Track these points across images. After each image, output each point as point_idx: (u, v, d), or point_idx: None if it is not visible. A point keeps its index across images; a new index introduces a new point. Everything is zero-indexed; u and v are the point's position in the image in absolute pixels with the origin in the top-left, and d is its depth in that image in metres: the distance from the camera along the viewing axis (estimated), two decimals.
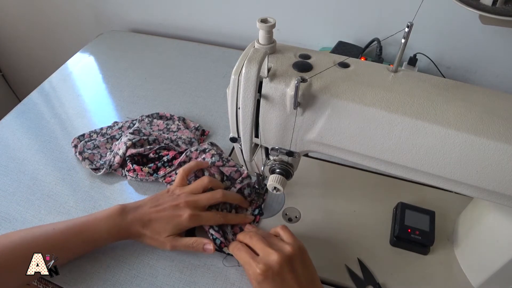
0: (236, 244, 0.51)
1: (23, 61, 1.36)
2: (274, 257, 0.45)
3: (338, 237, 0.57)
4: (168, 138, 0.69)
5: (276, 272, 0.44)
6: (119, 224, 0.52)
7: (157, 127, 0.73)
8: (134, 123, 0.74)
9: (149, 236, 0.53)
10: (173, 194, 0.55)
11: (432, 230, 0.54)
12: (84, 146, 0.69)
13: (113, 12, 1.08)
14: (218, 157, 0.62)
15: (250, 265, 0.46)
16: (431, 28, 0.78)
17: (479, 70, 0.84)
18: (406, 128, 0.38)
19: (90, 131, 0.73)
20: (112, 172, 0.66)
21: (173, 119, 0.75)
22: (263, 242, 0.48)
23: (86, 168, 0.67)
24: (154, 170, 0.64)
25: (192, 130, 0.72)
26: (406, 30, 0.37)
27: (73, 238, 0.51)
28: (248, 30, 0.97)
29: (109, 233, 0.51)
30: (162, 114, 0.76)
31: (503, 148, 0.35)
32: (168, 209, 0.53)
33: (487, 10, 0.58)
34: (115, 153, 0.66)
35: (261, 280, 0.45)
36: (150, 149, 0.66)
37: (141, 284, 0.52)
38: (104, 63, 0.95)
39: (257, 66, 0.36)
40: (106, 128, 0.74)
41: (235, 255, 0.50)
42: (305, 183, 0.64)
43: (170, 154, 0.65)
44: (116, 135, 0.71)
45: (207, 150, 0.63)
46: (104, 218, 0.52)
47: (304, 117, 0.41)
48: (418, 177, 0.42)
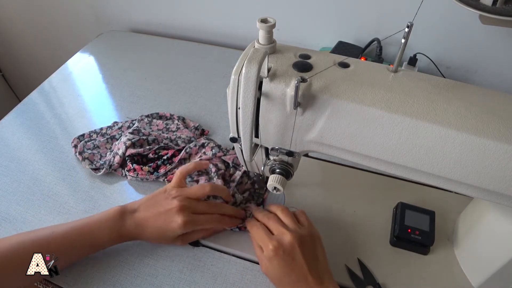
0: (254, 222, 0.52)
1: (23, 61, 1.36)
2: (288, 237, 0.47)
3: (338, 237, 0.57)
4: (167, 138, 0.69)
5: (288, 251, 0.46)
6: (119, 228, 0.51)
7: (156, 127, 0.73)
8: (133, 123, 0.74)
9: (154, 238, 0.53)
10: (169, 196, 0.53)
11: (432, 230, 0.54)
12: (84, 146, 0.69)
13: (113, 12, 1.08)
14: (218, 149, 0.63)
15: (263, 241, 0.48)
16: (431, 28, 0.78)
17: (479, 70, 0.84)
18: (406, 128, 0.38)
19: (90, 131, 0.73)
20: (112, 172, 0.66)
21: (173, 119, 0.75)
22: (279, 223, 0.49)
23: (86, 168, 0.67)
24: (155, 169, 0.64)
25: (191, 129, 0.72)
26: (406, 30, 0.37)
27: (72, 242, 0.50)
28: (248, 30, 0.97)
29: (110, 237, 0.51)
30: (161, 114, 0.76)
31: (503, 148, 0.35)
32: (162, 214, 0.51)
33: (487, 10, 0.58)
34: (115, 153, 0.66)
35: (272, 256, 0.46)
36: (149, 149, 0.66)
37: (141, 284, 0.52)
38: (104, 63, 0.95)
39: (257, 66, 0.36)
40: (106, 128, 0.74)
41: (252, 231, 0.51)
42: (305, 183, 0.64)
43: (170, 153, 0.66)
44: (116, 135, 0.71)
45: (206, 144, 0.64)
46: (104, 222, 0.51)
47: (304, 117, 0.41)
48: (418, 177, 0.42)
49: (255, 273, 0.53)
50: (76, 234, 0.50)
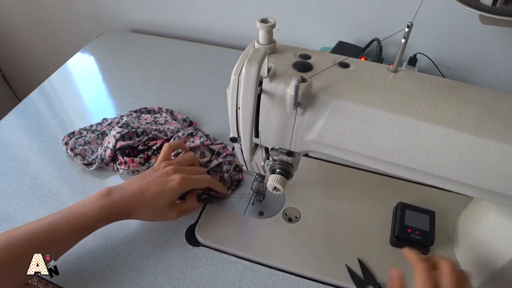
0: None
1: (23, 61, 1.36)
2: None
3: (338, 237, 0.57)
4: (156, 130, 0.70)
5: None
6: (108, 203, 0.50)
7: (145, 120, 0.74)
8: (122, 118, 0.74)
9: (147, 209, 0.52)
10: (160, 168, 0.56)
11: (432, 230, 0.54)
12: (75, 143, 0.69)
13: (113, 12, 1.08)
14: (205, 138, 0.66)
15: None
16: (431, 28, 0.78)
17: (479, 70, 0.84)
18: (406, 128, 0.38)
19: (80, 129, 0.74)
20: (107, 169, 0.66)
21: (161, 112, 0.76)
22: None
23: (78, 164, 0.67)
24: (146, 160, 0.65)
25: (180, 121, 0.73)
26: (406, 30, 0.37)
27: (62, 229, 0.48)
28: (248, 30, 0.97)
29: (100, 212, 0.49)
30: (150, 108, 0.77)
31: (503, 148, 0.35)
32: (158, 178, 0.53)
33: (487, 10, 0.58)
34: (105, 147, 0.67)
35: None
36: (139, 140, 0.67)
37: (141, 284, 0.52)
38: (104, 63, 0.95)
39: (257, 66, 0.36)
40: (96, 125, 0.74)
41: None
42: (305, 183, 0.64)
43: (159, 142, 0.66)
44: (106, 131, 0.72)
45: (194, 134, 0.67)
46: (91, 202, 0.50)
47: (304, 117, 0.41)
48: (418, 177, 0.42)
49: (255, 273, 0.53)
50: (64, 218, 0.49)
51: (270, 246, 0.56)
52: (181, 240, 0.57)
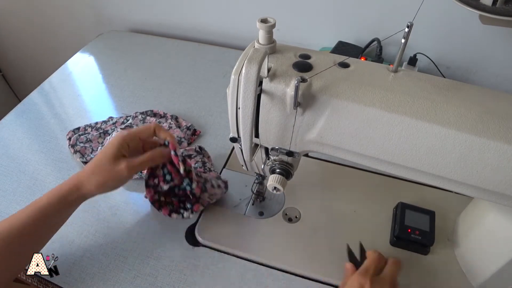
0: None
1: (23, 61, 1.36)
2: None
3: (338, 237, 0.57)
4: None
5: None
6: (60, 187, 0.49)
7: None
8: (128, 119, 0.74)
9: (93, 174, 0.48)
10: None
11: (432, 230, 0.54)
12: (77, 140, 0.70)
13: (113, 12, 1.08)
14: (201, 164, 0.63)
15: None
16: (431, 28, 0.78)
17: (479, 70, 0.84)
18: (406, 128, 0.38)
19: (85, 125, 0.74)
20: None
21: (166, 117, 0.76)
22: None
23: (78, 162, 0.67)
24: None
25: (183, 129, 0.73)
26: (406, 30, 0.37)
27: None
28: (248, 30, 0.97)
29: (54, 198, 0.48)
30: (156, 111, 0.77)
31: (503, 148, 0.35)
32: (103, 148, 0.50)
33: (487, 10, 0.58)
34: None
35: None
36: None
37: (141, 284, 0.52)
38: (104, 63, 0.95)
39: (257, 66, 0.36)
40: (101, 123, 0.75)
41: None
42: (305, 183, 0.64)
43: None
44: (109, 130, 0.72)
45: (192, 156, 0.64)
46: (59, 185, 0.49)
47: (304, 117, 0.41)
48: (418, 177, 0.42)
49: (255, 273, 0.53)
50: (37, 206, 0.48)
51: (270, 246, 0.56)
52: (181, 240, 0.57)
